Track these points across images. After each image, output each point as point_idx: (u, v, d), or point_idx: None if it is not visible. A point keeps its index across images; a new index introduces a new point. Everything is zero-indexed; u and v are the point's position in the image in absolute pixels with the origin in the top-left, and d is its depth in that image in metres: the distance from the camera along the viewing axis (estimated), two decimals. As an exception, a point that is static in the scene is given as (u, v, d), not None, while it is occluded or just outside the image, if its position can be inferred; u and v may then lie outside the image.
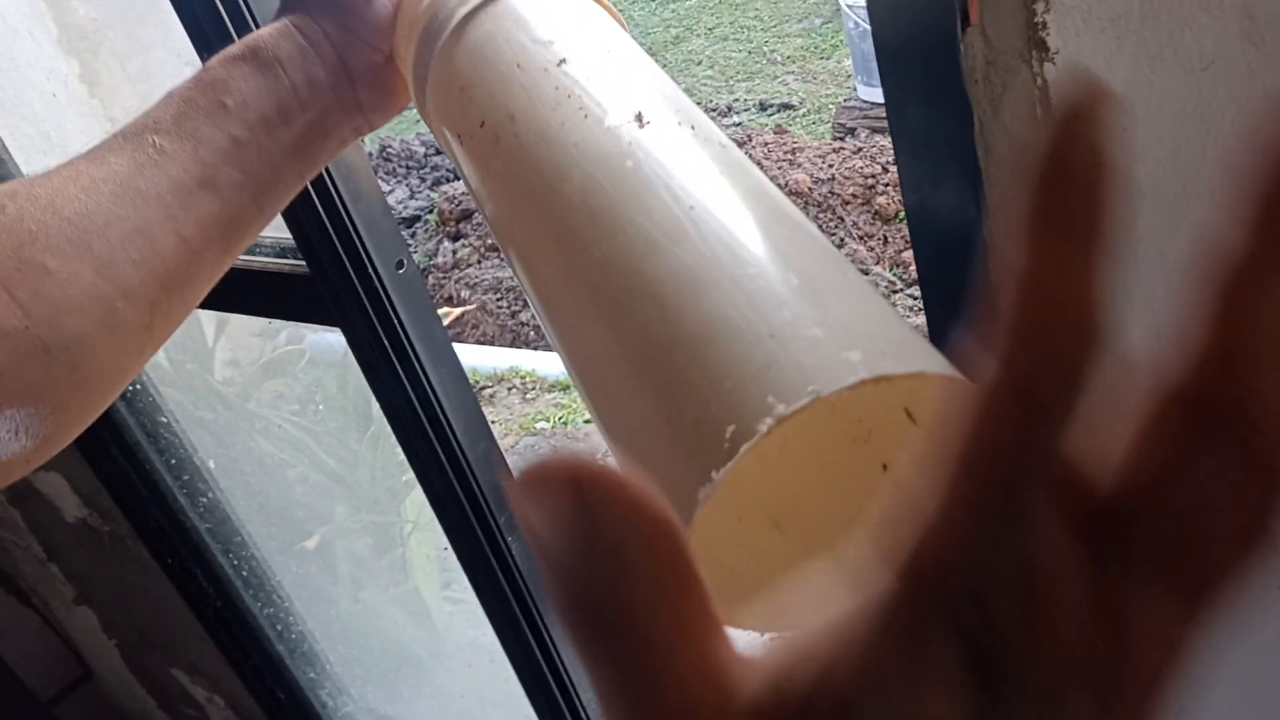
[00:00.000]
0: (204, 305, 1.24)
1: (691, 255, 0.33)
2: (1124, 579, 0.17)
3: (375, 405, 1.74)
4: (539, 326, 3.84)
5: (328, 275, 0.91)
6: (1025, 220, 0.17)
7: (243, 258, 1.00)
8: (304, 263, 0.93)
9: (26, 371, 0.47)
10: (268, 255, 0.99)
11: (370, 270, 0.90)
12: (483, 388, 3.50)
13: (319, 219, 0.87)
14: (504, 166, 0.42)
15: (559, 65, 0.43)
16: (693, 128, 0.40)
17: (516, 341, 3.83)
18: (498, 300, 3.91)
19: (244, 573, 1.37)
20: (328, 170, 0.84)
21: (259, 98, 0.55)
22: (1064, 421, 0.17)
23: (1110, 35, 0.46)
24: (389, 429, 1.03)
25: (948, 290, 0.59)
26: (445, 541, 1.12)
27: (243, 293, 1.03)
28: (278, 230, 0.94)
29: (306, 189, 0.85)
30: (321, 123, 0.58)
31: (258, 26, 0.80)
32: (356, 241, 0.88)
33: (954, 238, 0.56)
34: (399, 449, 1.04)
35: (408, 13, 0.57)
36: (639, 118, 0.39)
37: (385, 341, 0.93)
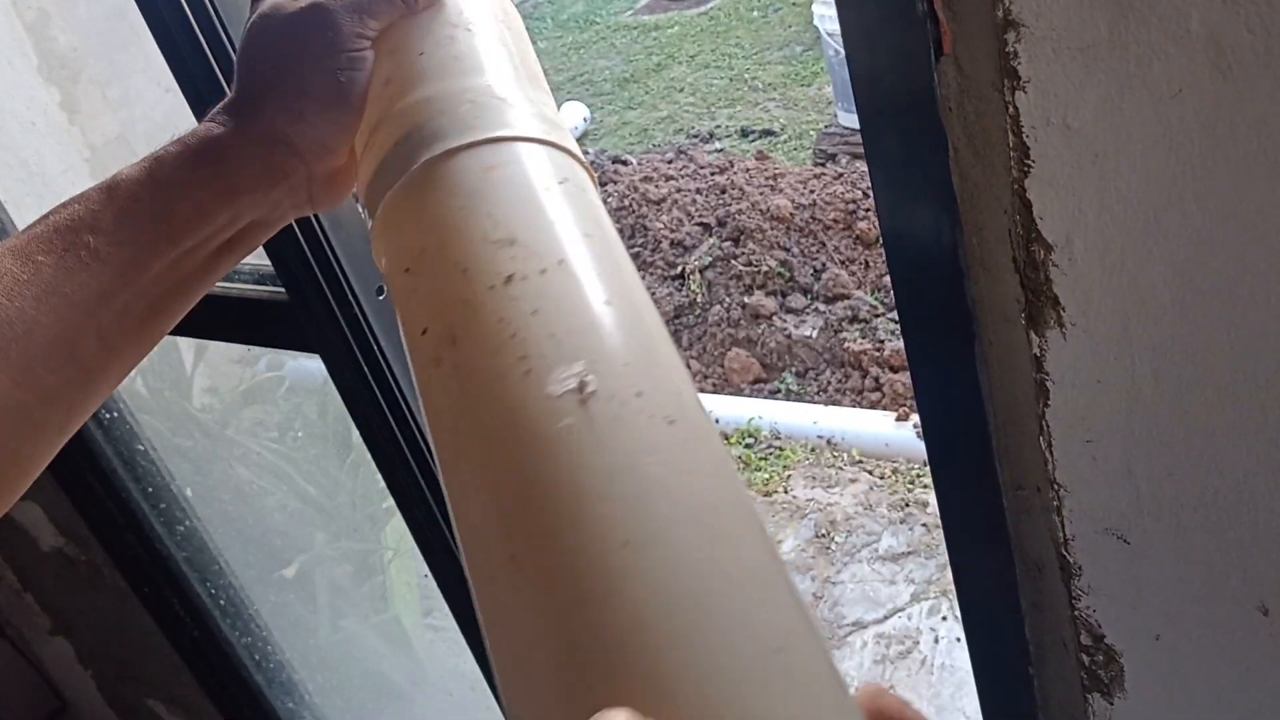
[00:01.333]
0: (182, 332, 1.23)
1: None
2: None
3: (355, 432, 1.73)
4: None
5: (308, 301, 0.90)
6: None
7: (221, 284, 1.00)
8: (283, 289, 0.93)
9: None
10: (247, 282, 0.99)
11: (350, 296, 0.90)
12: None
13: (299, 246, 0.86)
14: (441, 398, 0.39)
15: (505, 284, 0.39)
16: (639, 395, 0.36)
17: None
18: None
19: (222, 601, 1.36)
20: (307, 197, 0.84)
21: (214, 207, 0.52)
22: None
23: (1080, 64, 0.47)
24: (369, 456, 1.03)
25: (926, 315, 0.59)
26: (426, 569, 1.11)
27: (221, 319, 1.02)
28: (257, 258, 0.94)
29: (286, 216, 0.85)
30: (268, 218, 0.56)
31: (230, 40, 0.80)
32: (336, 268, 0.88)
33: (931, 263, 0.57)
34: (379, 476, 1.03)
35: (374, 109, 0.52)
36: (581, 388, 0.35)
37: (365, 368, 0.93)
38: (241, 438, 1.88)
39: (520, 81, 0.51)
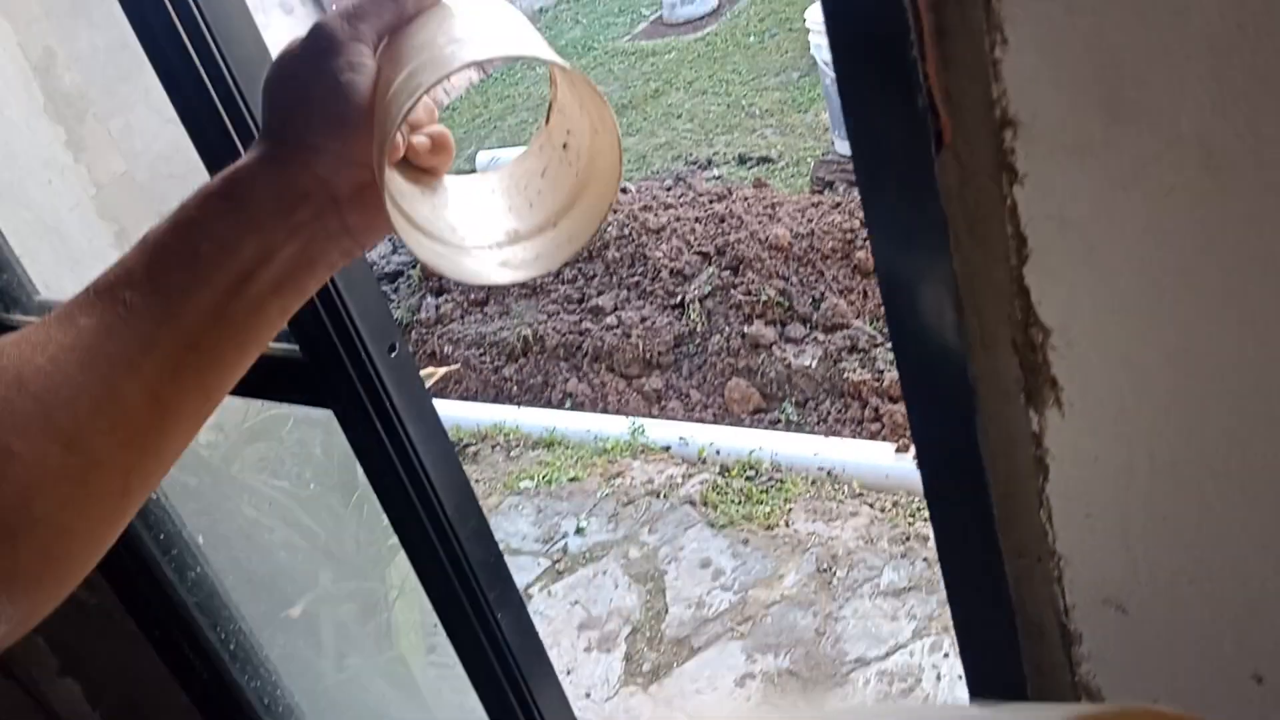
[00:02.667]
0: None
1: None
2: None
3: (360, 471, 1.74)
4: (521, 382, 3.87)
5: (321, 359, 0.92)
6: None
7: (235, 341, 1.02)
8: (297, 346, 0.94)
9: None
10: (261, 340, 1.00)
11: (363, 354, 0.91)
12: (466, 445, 3.50)
13: (314, 305, 0.88)
14: None
15: None
16: None
17: (500, 397, 3.84)
18: (480, 355, 3.93)
19: (231, 645, 1.37)
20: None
21: (235, 237, 0.52)
22: None
23: (1075, 162, 0.49)
24: (373, 494, 1.04)
25: (928, 389, 0.61)
26: (429, 606, 1.12)
27: (235, 375, 1.04)
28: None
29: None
30: (306, 254, 0.54)
31: (236, 82, 0.81)
32: (350, 326, 0.90)
33: (933, 340, 0.59)
34: (384, 515, 1.04)
35: (385, 119, 0.53)
36: None
37: (377, 423, 0.94)
38: (247, 476, 1.89)
39: (504, 28, 0.56)
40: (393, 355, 0.93)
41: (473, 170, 5.59)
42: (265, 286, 0.53)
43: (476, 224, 0.62)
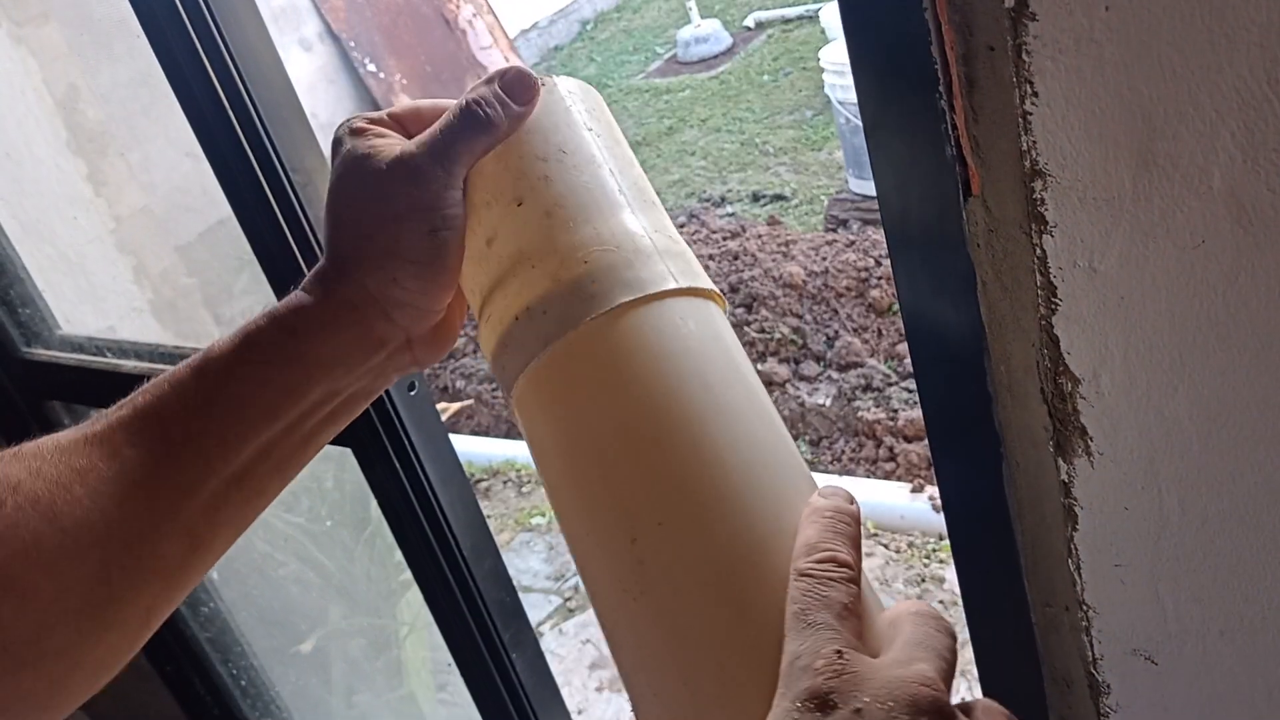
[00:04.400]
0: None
1: None
2: None
3: (372, 506, 1.74)
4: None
5: (341, 398, 0.92)
6: None
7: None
8: (317, 385, 0.95)
9: None
10: (281, 377, 1.01)
11: (383, 392, 0.91)
12: (478, 481, 3.49)
13: (334, 345, 0.89)
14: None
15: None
16: None
17: (512, 433, 3.83)
18: (493, 391, 3.93)
19: (243, 682, 1.36)
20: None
21: (305, 382, 0.49)
22: None
23: (1105, 214, 0.49)
24: (386, 530, 1.04)
25: (955, 436, 0.61)
26: (440, 643, 1.12)
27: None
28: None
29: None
30: (369, 388, 0.53)
31: (260, 116, 0.81)
32: (370, 366, 0.90)
33: (960, 388, 0.59)
34: (395, 550, 1.04)
35: (480, 269, 0.50)
36: None
37: (396, 462, 0.94)
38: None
39: (633, 211, 0.50)
40: (412, 394, 0.93)
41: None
42: (322, 420, 0.51)
43: None
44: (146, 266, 2.24)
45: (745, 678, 0.40)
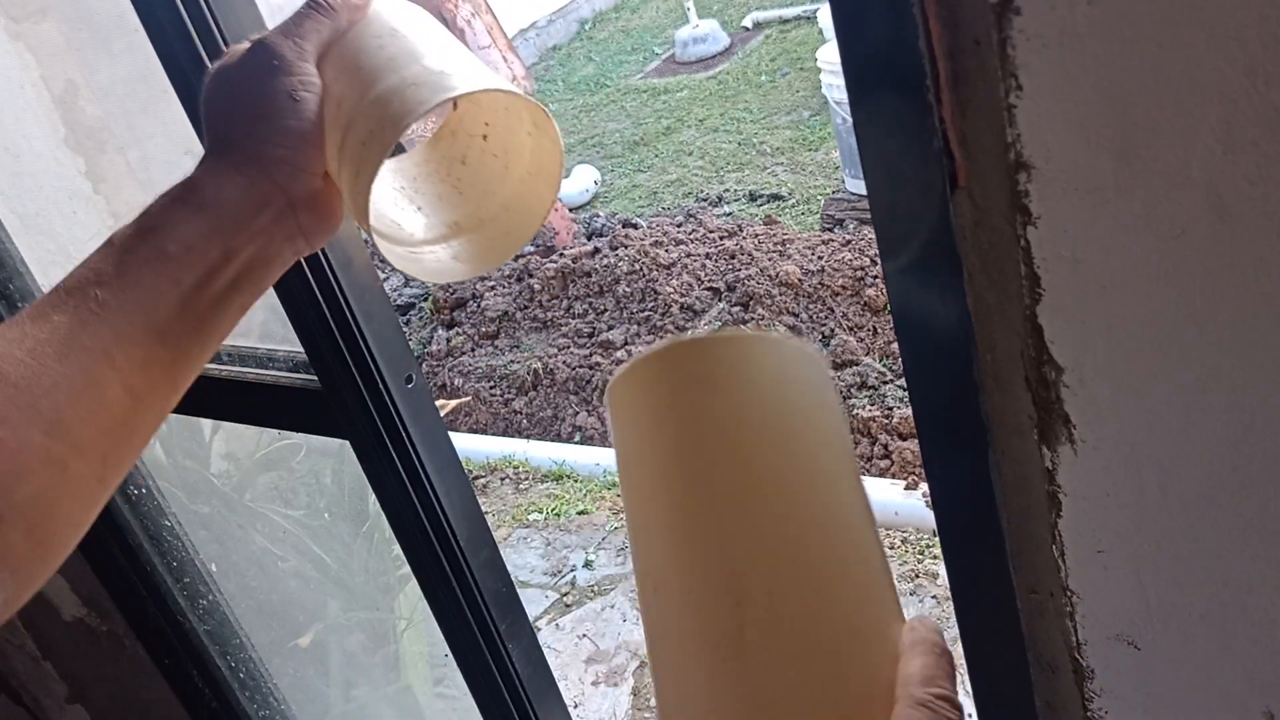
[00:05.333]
0: (219, 416, 1.26)
1: None
2: None
3: (371, 500, 1.75)
4: (531, 415, 3.88)
5: (339, 390, 0.93)
6: None
7: (255, 371, 1.03)
8: (315, 377, 0.96)
9: None
10: (280, 370, 1.02)
11: (380, 385, 0.93)
12: (475, 477, 3.50)
13: (332, 336, 0.90)
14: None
15: None
16: None
17: (509, 430, 3.84)
18: (491, 388, 3.94)
19: (241, 674, 1.37)
20: (341, 290, 0.87)
21: (200, 240, 0.56)
22: None
23: (1088, 204, 0.50)
24: (384, 524, 1.05)
25: (942, 426, 0.62)
26: (437, 637, 1.13)
27: (254, 405, 1.05)
28: (291, 345, 0.97)
29: (321, 307, 0.88)
30: (264, 254, 0.59)
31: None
32: (368, 357, 0.91)
33: (947, 376, 0.60)
34: (394, 544, 1.05)
35: (335, 128, 0.59)
36: None
37: (393, 453, 0.95)
38: (259, 505, 1.90)
39: (448, 58, 0.60)
40: (409, 386, 0.94)
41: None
42: (227, 284, 0.57)
43: (415, 216, 0.68)
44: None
45: None
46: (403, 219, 0.67)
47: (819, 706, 0.40)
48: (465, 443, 3.68)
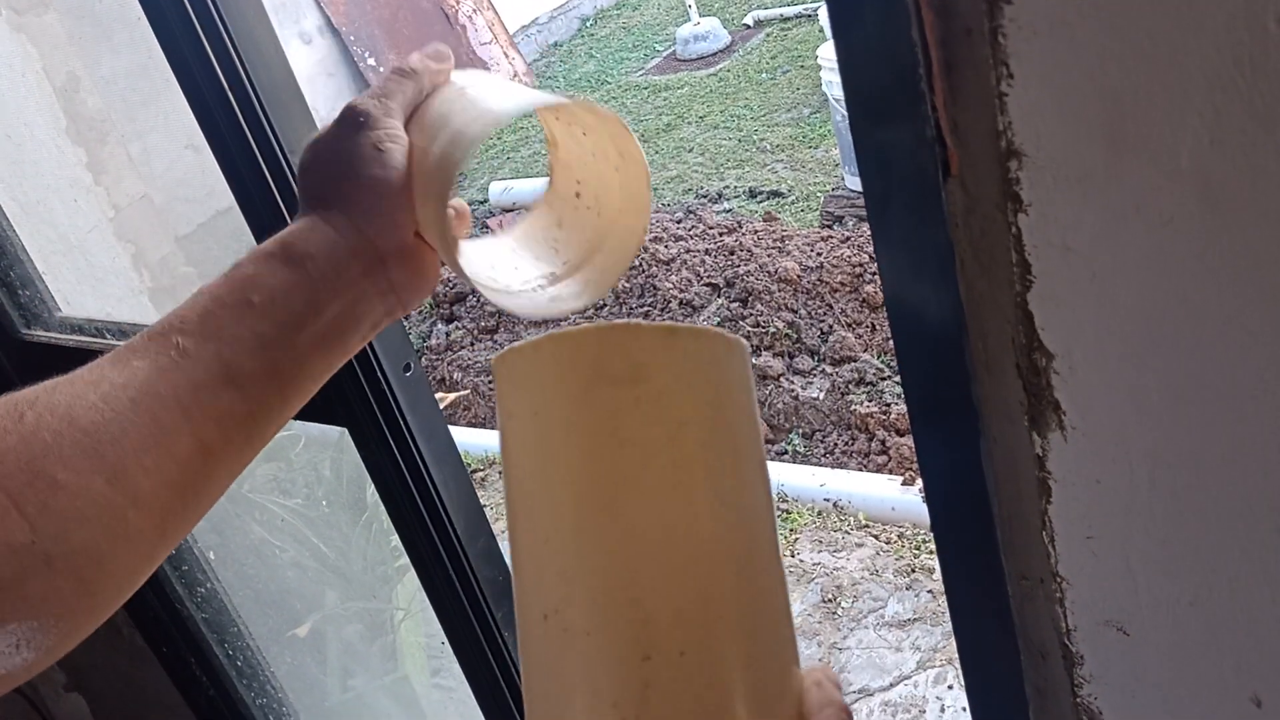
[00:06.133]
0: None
1: None
2: None
3: (369, 491, 1.75)
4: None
5: (337, 377, 0.93)
6: None
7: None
8: (314, 365, 0.96)
9: (30, 587, 0.46)
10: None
11: (379, 373, 0.93)
12: (474, 470, 3.51)
13: (331, 325, 0.90)
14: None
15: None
16: None
17: (508, 423, 3.84)
18: (490, 383, 3.94)
19: (239, 662, 1.38)
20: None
21: (287, 293, 0.55)
22: None
23: (1078, 192, 0.50)
24: (382, 515, 1.05)
25: (934, 413, 0.63)
26: (435, 628, 1.13)
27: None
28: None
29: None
30: (353, 310, 0.57)
31: (262, 105, 0.83)
32: (366, 346, 0.92)
33: (938, 364, 0.60)
34: (392, 535, 1.06)
35: (425, 182, 0.59)
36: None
37: (391, 441, 0.96)
38: (257, 496, 1.91)
39: (523, 98, 0.62)
40: (408, 374, 0.95)
41: (485, 200, 5.63)
42: (312, 339, 0.56)
43: (512, 274, 0.67)
44: (145, 254, 2.25)
45: None
46: (498, 275, 0.66)
47: None
48: (464, 436, 3.69)
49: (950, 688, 2.24)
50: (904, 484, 2.83)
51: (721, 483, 0.39)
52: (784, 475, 3.06)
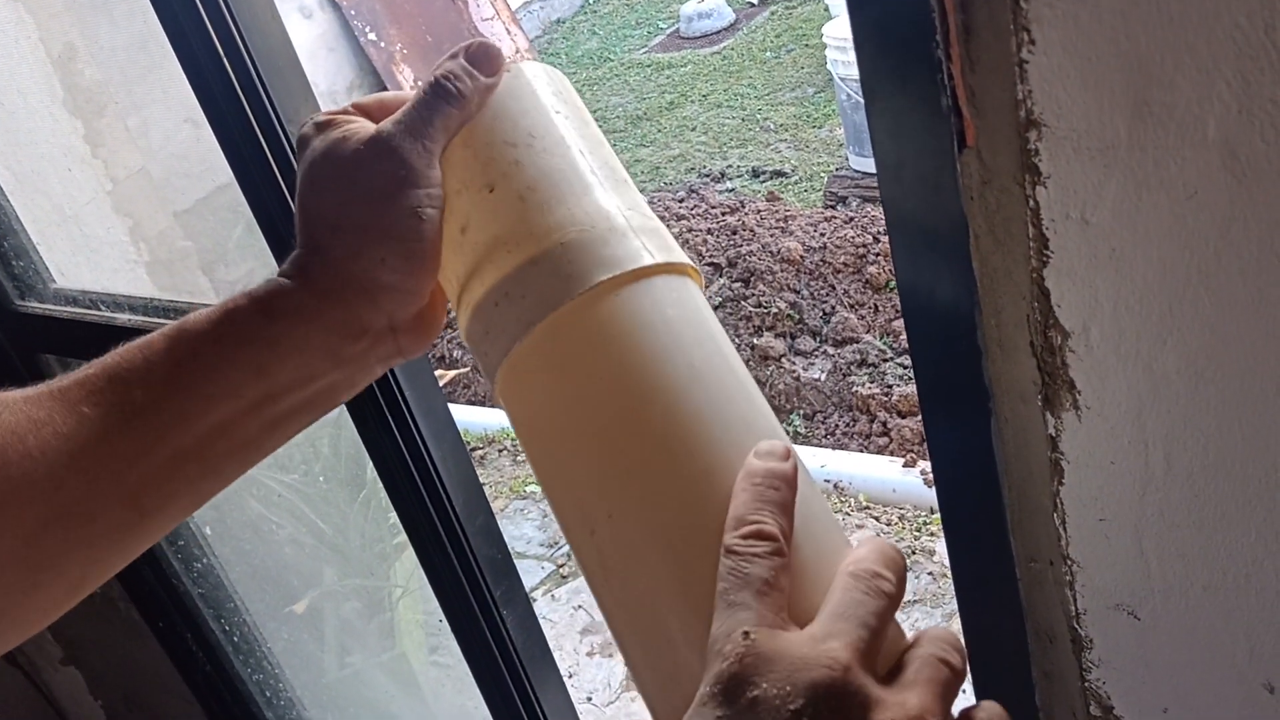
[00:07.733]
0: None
1: None
2: None
3: (368, 468, 1.74)
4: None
5: (335, 351, 0.92)
6: None
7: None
8: (311, 338, 0.95)
9: None
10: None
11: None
12: (474, 449, 3.50)
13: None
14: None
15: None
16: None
17: (507, 402, 3.84)
18: (490, 360, 3.93)
19: (235, 638, 1.37)
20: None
21: (276, 363, 0.48)
22: None
23: (1099, 164, 0.49)
24: (381, 492, 1.04)
25: (944, 391, 0.61)
26: (433, 606, 1.12)
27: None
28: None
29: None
30: (350, 380, 0.51)
31: (261, 78, 0.81)
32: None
33: (950, 341, 0.59)
34: (390, 512, 1.05)
35: (457, 256, 0.49)
36: None
37: (390, 418, 0.95)
38: (255, 471, 1.89)
39: (605, 190, 0.49)
40: (407, 349, 0.94)
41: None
42: (293, 407, 0.50)
43: None
44: (143, 228, 2.23)
45: (697, 665, 0.39)
46: None
47: (679, 612, 0.41)
48: (463, 415, 3.68)
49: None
50: (905, 466, 2.82)
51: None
52: (784, 456, 3.05)
